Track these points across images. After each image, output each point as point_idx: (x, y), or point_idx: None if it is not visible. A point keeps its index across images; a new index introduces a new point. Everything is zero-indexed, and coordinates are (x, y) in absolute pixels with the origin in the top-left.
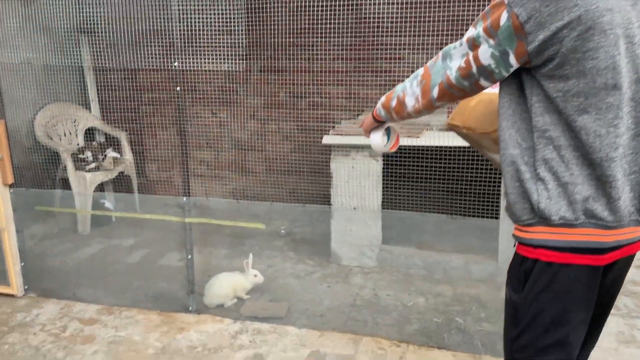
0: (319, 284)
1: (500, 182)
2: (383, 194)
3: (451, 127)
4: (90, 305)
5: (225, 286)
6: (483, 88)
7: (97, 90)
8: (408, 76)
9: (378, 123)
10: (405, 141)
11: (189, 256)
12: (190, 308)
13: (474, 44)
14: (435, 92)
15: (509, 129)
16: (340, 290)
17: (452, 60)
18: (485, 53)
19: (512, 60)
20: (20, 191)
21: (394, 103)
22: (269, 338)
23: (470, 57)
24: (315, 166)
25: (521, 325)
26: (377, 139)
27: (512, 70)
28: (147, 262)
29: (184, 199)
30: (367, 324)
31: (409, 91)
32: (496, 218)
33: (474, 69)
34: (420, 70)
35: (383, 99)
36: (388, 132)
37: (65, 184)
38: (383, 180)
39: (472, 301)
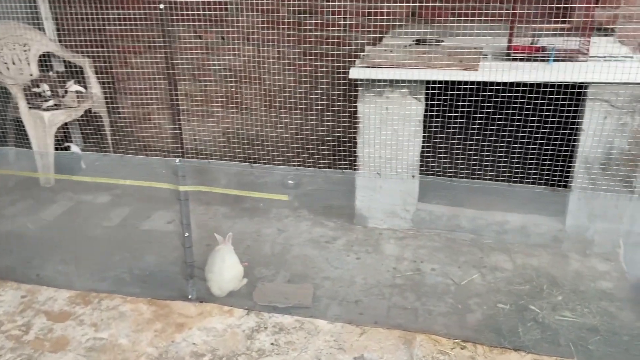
0: (346, 254)
1: (576, 137)
2: (423, 144)
3: None
4: (59, 292)
5: (236, 265)
6: None
7: (51, 4)
8: None
9: None
10: (456, 75)
11: (186, 234)
12: (190, 296)
13: None
14: None
15: None
16: (373, 263)
17: None
18: None
19: None
20: None
21: None
22: (295, 338)
23: None
24: (326, 100)
25: None
26: None
27: None
28: (129, 225)
29: (177, 160)
30: (416, 313)
31: None
32: (565, 181)
33: None
34: None
35: None
36: None
37: (20, 127)
38: (424, 126)
39: (540, 277)
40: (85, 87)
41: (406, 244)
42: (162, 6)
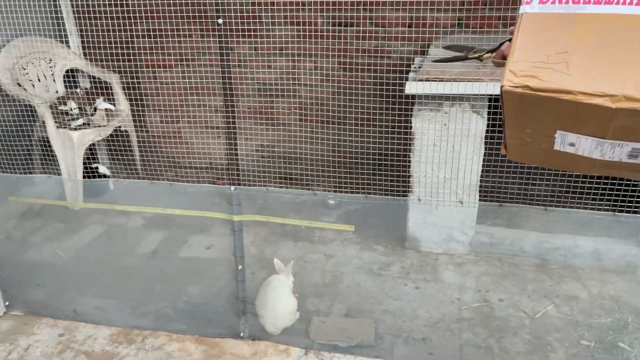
0: (402, 282)
1: None
2: (484, 162)
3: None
4: (99, 329)
5: (290, 298)
6: None
7: (76, 18)
8: None
9: None
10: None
11: (240, 267)
12: (242, 334)
13: None
14: None
15: None
16: (434, 294)
17: None
18: None
19: None
20: None
21: None
22: None
23: None
24: (365, 113)
25: None
26: None
27: None
28: (165, 252)
29: (232, 188)
30: (492, 352)
31: None
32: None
33: None
34: None
35: None
36: None
37: (46, 147)
38: (486, 143)
39: (621, 308)
40: (114, 104)
41: (467, 270)
42: (220, 21)
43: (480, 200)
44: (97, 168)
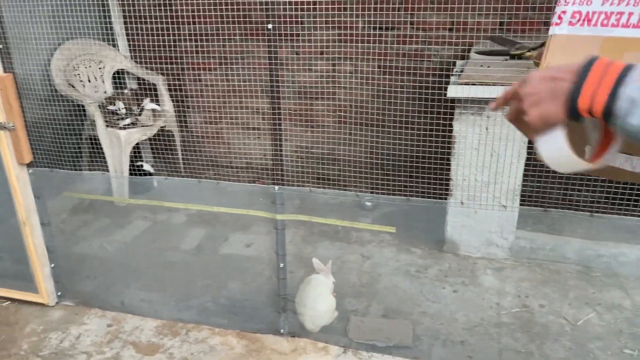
0: (440, 285)
1: None
2: (525, 167)
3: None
4: (145, 320)
5: (329, 297)
6: None
7: (124, 21)
8: None
9: (573, 121)
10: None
11: (281, 264)
12: (282, 330)
13: None
14: None
15: None
16: (472, 298)
17: None
18: None
19: None
20: (43, 172)
21: None
22: None
23: None
24: (404, 116)
25: None
26: (561, 146)
27: None
28: (207, 248)
29: (276, 188)
30: (532, 357)
31: None
32: None
33: None
34: None
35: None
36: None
37: (94, 145)
38: (528, 148)
39: None
40: (159, 105)
41: (506, 275)
42: (270, 26)
43: (520, 204)
44: (141, 166)
